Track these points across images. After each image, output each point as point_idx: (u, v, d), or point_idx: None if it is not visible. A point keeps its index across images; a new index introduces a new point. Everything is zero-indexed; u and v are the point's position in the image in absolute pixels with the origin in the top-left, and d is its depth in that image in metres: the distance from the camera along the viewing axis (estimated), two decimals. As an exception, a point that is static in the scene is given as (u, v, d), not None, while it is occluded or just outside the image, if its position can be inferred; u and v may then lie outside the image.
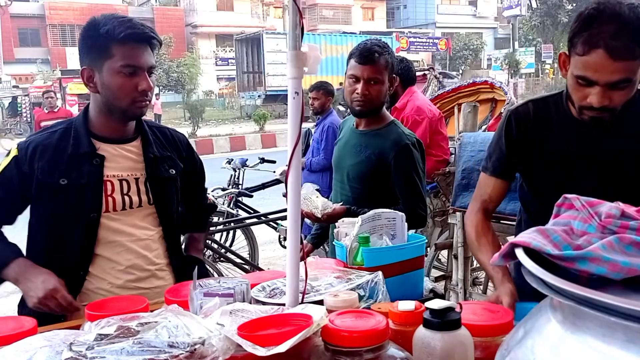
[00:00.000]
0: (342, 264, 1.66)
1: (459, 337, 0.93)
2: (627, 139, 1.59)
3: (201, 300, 1.25)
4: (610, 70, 1.41)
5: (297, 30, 1.28)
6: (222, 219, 5.09)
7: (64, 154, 1.75)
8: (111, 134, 1.82)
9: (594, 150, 1.63)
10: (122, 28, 1.68)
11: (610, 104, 1.47)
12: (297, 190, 1.34)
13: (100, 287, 1.79)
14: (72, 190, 1.73)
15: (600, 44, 1.40)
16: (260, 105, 25.24)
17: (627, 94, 1.47)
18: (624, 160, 1.59)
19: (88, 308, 1.34)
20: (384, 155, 2.33)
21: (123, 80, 1.71)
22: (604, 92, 1.45)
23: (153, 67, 1.78)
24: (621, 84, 1.43)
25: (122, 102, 1.74)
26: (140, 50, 1.72)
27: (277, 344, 0.91)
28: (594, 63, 1.42)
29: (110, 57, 1.70)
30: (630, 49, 1.38)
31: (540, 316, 0.71)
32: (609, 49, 1.38)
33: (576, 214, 0.81)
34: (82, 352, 0.92)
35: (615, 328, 0.58)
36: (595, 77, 1.44)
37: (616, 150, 1.60)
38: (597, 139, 1.62)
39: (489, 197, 1.81)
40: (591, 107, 1.49)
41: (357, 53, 2.35)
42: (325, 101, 5.44)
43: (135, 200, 1.82)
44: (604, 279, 0.68)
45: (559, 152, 1.68)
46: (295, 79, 1.28)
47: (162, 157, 1.90)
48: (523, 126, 1.73)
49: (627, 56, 1.39)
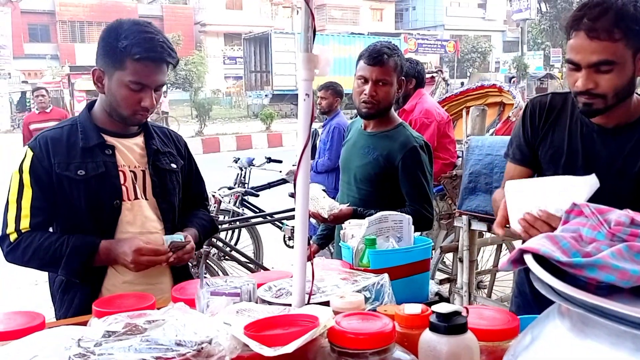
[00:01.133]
0: (348, 265, 1.67)
1: (465, 342, 0.93)
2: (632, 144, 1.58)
3: (208, 299, 1.26)
4: (590, 51, 1.44)
5: (309, 33, 1.28)
6: (227, 217, 5.10)
7: (76, 147, 1.78)
8: (116, 128, 1.87)
9: (595, 150, 1.62)
10: (140, 49, 1.71)
11: (597, 89, 1.48)
12: (305, 191, 1.34)
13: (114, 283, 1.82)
14: (90, 181, 1.76)
15: (581, 26, 1.44)
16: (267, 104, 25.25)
17: (614, 80, 1.47)
18: (624, 166, 1.58)
19: (95, 305, 1.35)
20: (391, 157, 2.34)
21: (129, 93, 1.75)
22: (588, 74, 1.47)
23: (162, 85, 1.82)
24: (602, 65, 1.45)
25: (123, 111, 1.79)
26: (152, 69, 1.76)
27: (283, 345, 0.92)
28: (576, 45, 1.47)
29: (122, 69, 1.74)
30: (609, 30, 1.41)
31: (548, 323, 0.71)
32: (588, 29, 1.43)
33: (585, 220, 0.80)
34: (90, 348, 0.93)
35: (624, 336, 0.58)
36: (577, 59, 1.48)
37: (618, 154, 1.59)
38: (602, 140, 1.61)
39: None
40: (581, 92, 1.52)
41: (367, 54, 2.35)
42: (333, 101, 5.43)
43: (141, 192, 1.86)
44: (612, 286, 0.68)
45: (563, 147, 1.68)
46: (306, 80, 1.29)
47: (164, 152, 1.95)
48: (539, 115, 1.74)
49: (605, 36, 1.42)
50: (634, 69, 1.47)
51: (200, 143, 16.58)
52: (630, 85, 1.50)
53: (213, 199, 4.84)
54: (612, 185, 1.57)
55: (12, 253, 1.75)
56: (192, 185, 2.09)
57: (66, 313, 1.80)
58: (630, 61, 1.46)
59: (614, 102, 1.51)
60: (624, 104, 1.56)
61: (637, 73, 1.48)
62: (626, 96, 1.53)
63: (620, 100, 1.52)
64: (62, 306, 1.83)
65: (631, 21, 1.42)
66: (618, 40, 1.42)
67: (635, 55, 1.46)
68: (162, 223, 1.90)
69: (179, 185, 1.98)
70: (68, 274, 1.75)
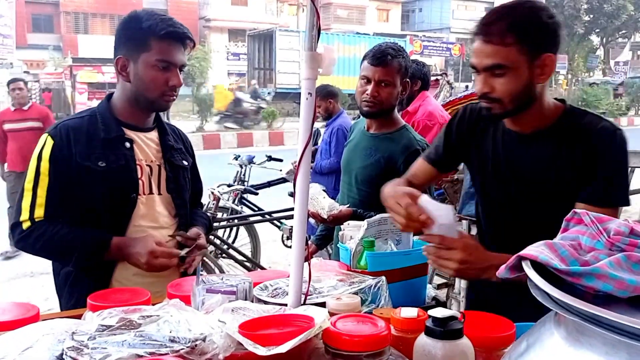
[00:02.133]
0: (345, 266, 1.66)
1: (461, 347, 0.93)
2: (549, 149, 1.58)
3: (203, 296, 1.26)
4: (484, 54, 1.48)
5: (314, 31, 1.28)
6: (226, 215, 5.10)
7: (97, 138, 1.80)
8: (135, 121, 1.88)
9: (516, 157, 1.63)
10: (164, 25, 1.77)
11: (493, 93, 1.51)
12: (305, 191, 1.34)
13: (125, 276, 1.83)
14: (110, 172, 1.78)
15: (479, 30, 1.49)
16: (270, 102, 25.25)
17: (508, 84, 1.48)
18: (544, 171, 1.58)
19: (90, 298, 1.34)
20: (393, 159, 2.33)
21: (156, 74, 1.78)
22: (484, 78, 1.51)
23: (184, 65, 1.85)
24: (496, 69, 1.48)
25: (151, 94, 1.81)
26: (175, 48, 1.80)
27: (278, 344, 0.92)
28: (474, 48, 1.53)
29: (147, 50, 1.77)
30: (502, 35, 1.45)
31: (544, 330, 0.71)
32: (482, 34, 1.47)
33: (585, 229, 0.80)
34: (84, 341, 0.93)
35: (619, 346, 0.58)
36: (475, 62, 1.52)
37: (538, 160, 1.59)
38: (522, 146, 1.62)
39: (413, 173, 1.86)
40: (480, 96, 1.55)
41: (370, 54, 2.36)
42: (327, 104, 5.34)
43: (156, 187, 1.88)
44: (609, 296, 0.68)
45: (489, 155, 1.69)
46: (310, 79, 1.28)
47: (176, 148, 1.99)
48: (467, 121, 1.76)
49: (498, 41, 1.45)
50: (530, 75, 1.49)
51: (201, 139, 16.56)
52: (527, 90, 1.51)
53: (212, 196, 4.84)
54: (535, 190, 1.59)
55: (24, 241, 1.76)
56: (193, 184, 2.10)
57: (76, 304, 1.80)
58: (525, 67, 1.48)
59: (512, 107, 1.52)
60: (534, 110, 1.56)
61: (535, 80, 1.50)
62: (526, 102, 1.53)
63: (521, 106, 1.53)
64: (71, 298, 1.83)
65: (524, 27, 1.45)
66: (510, 44, 1.45)
67: (531, 62, 1.48)
68: (175, 219, 1.92)
69: (189, 182, 2.01)
70: (78, 267, 1.77)
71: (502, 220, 1.70)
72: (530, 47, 1.46)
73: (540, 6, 1.50)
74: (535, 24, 1.47)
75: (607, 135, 1.49)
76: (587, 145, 1.49)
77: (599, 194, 1.48)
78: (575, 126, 1.53)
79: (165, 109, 1.93)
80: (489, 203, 1.74)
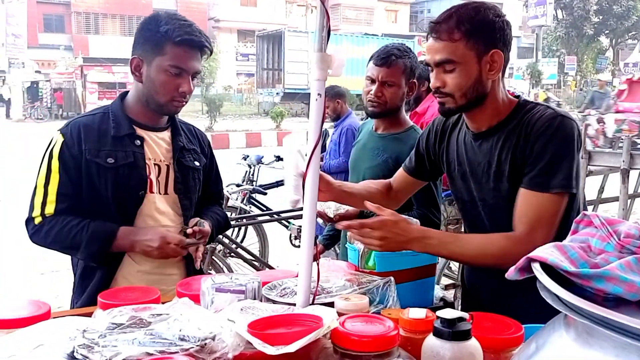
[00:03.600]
0: (353, 267, 1.67)
1: (469, 348, 0.93)
2: (500, 144, 1.59)
3: (213, 295, 1.26)
4: (434, 50, 1.54)
5: (324, 33, 1.28)
6: (234, 214, 5.11)
7: (107, 135, 1.82)
8: (147, 121, 1.90)
9: (474, 155, 1.66)
10: (181, 32, 1.77)
11: (445, 88, 1.55)
12: (314, 191, 1.34)
13: (130, 272, 1.85)
14: (119, 169, 1.80)
15: (430, 29, 1.55)
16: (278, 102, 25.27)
17: (458, 79, 1.53)
18: (498, 166, 1.59)
19: (101, 296, 1.35)
20: (401, 160, 2.32)
21: (167, 79, 1.79)
22: (437, 73, 1.56)
23: (198, 72, 1.86)
24: (446, 64, 1.53)
25: (161, 98, 1.82)
26: (190, 55, 1.81)
27: (286, 344, 0.92)
28: (427, 45, 1.58)
29: (162, 54, 1.78)
30: (449, 31, 1.51)
31: (553, 332, 0.71)
32: (434, 31, 1.54)
33: (595, 231, 0.80)
34: (95, 339, 0.94)
35: (629, 349, 0.58)
36: (428, 59, 1.58)
37: (491, 156, 1.60)
38: (478, 144, 1.64)
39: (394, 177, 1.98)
40: (434, 92, 1.60)
41: (376, 55, 2.37)
42: (335, 105, 5.33)
43: (164, 187, 1.90)
44: (619, 299, 0.68)
45: (454, 158, 1.74)
46: (319, 80, 1.29)
47: (189, 149, 1.99)
48: (435, 132, 1.83)
49: (446, 37, 1.51)
50: (479, 70, 1.53)
51: (210, 139, 16.59)
52: (477, 85, 1.55)
53: (221, 195, 4.84)
54: (493, 188, 1.60)
55: (36, 235, 1.80)
56: (211, 183, 2.13)
57: (84, 297, 1.84)
58: (473, 62, 1.52)
59: (464, 101, 1.56)
60: (488, 107, 1.59)
61: (485, 76, 1.54)
62: (477, 97, 1.56)
63: (473, 101, 1.56)
64: (80, 293, 1.86)
65: (471, 24, 1.50)
66: (457, 40, 1.50)
67: (479, 57, 1.52)
68: (180, 218, 1.93)
69: (200, 183, 2.02)
70: (87, 257, 1.80)
71: (473, 219, 1.72)
72: (477, 43, 1.51)
73: (488, 6, 1.56)
74: (482, 21, 1.52)
75: (546, 121, 1.50)
76: (526, 133, 1.52)
77: (538, 178, 1.49)
78: (522, 118, 1.56)
79: (175, 113, 1.93)
80: (461, 204, 1.78)
